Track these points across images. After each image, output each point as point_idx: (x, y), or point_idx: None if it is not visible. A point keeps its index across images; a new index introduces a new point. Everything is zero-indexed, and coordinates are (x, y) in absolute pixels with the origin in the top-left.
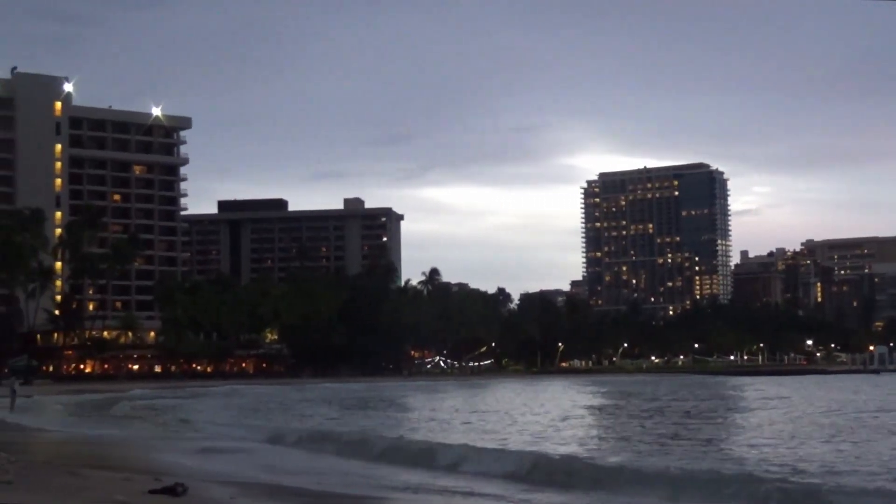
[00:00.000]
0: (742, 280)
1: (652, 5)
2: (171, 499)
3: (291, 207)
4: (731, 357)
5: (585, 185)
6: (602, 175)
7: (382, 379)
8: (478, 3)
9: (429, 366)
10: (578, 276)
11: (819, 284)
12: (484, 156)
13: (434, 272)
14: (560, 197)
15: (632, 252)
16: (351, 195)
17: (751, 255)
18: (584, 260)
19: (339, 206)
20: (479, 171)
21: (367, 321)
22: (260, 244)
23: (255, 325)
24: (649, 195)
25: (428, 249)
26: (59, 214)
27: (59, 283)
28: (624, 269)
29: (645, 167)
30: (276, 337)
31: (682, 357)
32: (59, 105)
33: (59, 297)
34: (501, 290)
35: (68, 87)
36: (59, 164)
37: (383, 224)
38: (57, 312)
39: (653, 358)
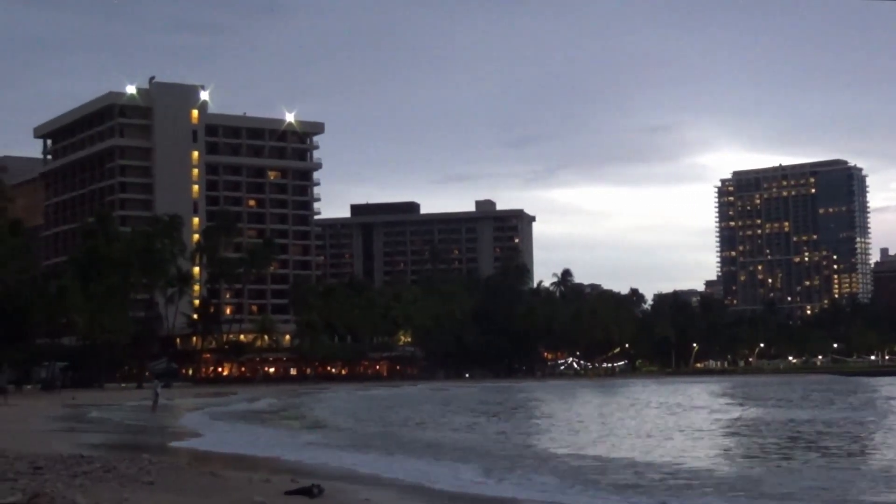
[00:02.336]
0: (882, 278)
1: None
2: (307, 500)
3: (423, 210)
4: (872, 357)
5: (719, 183)
6: (736, 173)
7: (516, 381)
8: (608, 3)
9: (562, 367)
10: (713, 276)
11: None
12: (615, 156)
13: (566, 273)
14: (693, 196)
15: (767, 251)
16: (482, 197)
17: (891, 252)
18: (718, 259)
19: (471, 208)
20: (610, 171)
21: (500, 323)
22: (392, 247)
23: (388, 327)
24: (785, 193)
25: (560, 251)
26: (196, 220)
27: (196, 287)
28: (759, 268)
29: (780, 165)
30: (408, 339)
31: (820, 357)
32: (195, 113)
33: (197, 302)
34: (634, 291)
35: (204, 96)
36: (195, 171)
37: (515, 226)
38: (195, 316)
39: (790, 358)
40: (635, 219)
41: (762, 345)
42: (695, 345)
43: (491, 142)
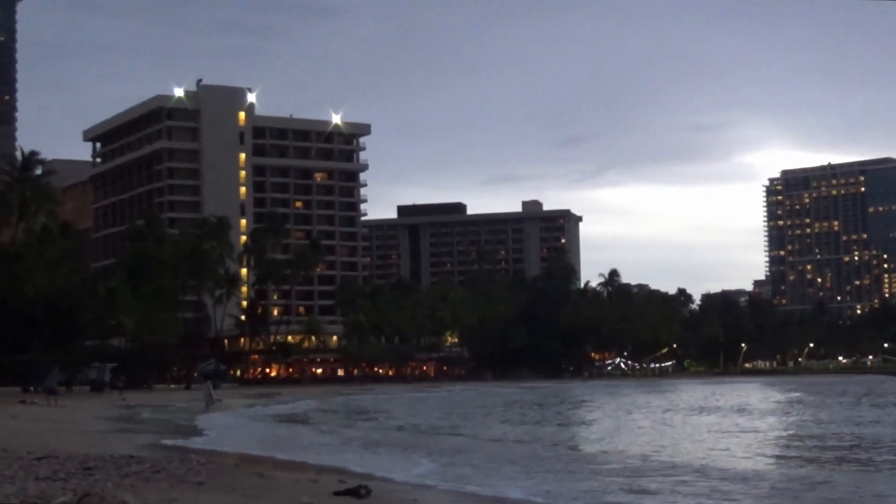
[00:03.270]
0: None
1: None
2: (354, 500)
3: (470, 211)
4: None
5: (767, 182)
6: (785, 172)
7: (563, 381)
8: (654, 2)
9: (609, 367)
10: (761, 276)
11: None
12: (662, 155)
13: (614, 273)
14: (741, 195)
15: (816, 250)
16: (529, 198)
17: None
18: (766, 259)
19: (518, 208)
20: (657, 170)
21: (547, 323)
22: (439, 248)
23: (435, 328)
24: (834, 192)
25: (607, 251)
26: (243, 222)
27: (244, 289)
28: (808, 267)
29: (829, 163)
30: (456, 340)
31: (870, 357)
32: (242, 115)
33: (244, 303)
34: (682, 291)
35: (251, 98)
36: (242, 173)
37: (562, 226)
38: (243, 318)
39: (840, 358)
40: (683, 218)
41: (811, 345)
42: (743, 345)
43: (538, 142)
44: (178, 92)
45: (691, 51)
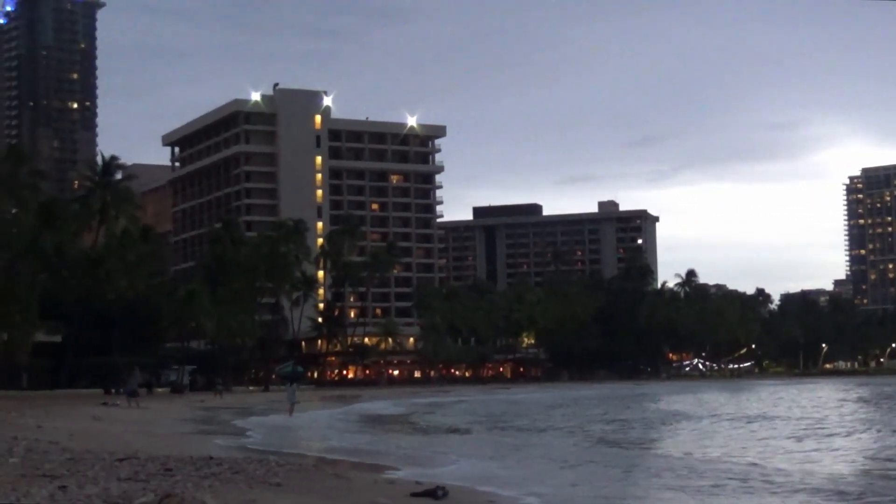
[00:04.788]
0: None
1: None
2: (431, 501)
3: (546, 212)
4: None
5: (847, 180)
6: (865, 170)
7: (641, 382)
8: (729, 0)
9: (687, 368)
10: (841, 275)
11: None
12: (739, 154)
13: (691, 274)
14: (819, 194)
15: None
16: (605, 198)
17: None
18: (847, 258)
19: (594, 209)
20: (734, 169)
21: (624, 324)
22: (515, 249)
23: (511, 329)
24: None
25: (683, 251)
26: (320, 225)
27: (321, 291)
28: (890, 266)
29: None
30: (532, 341)
31: None
32: (318, 118)
33: (321, 305)
34: (760, 291)
35: (327, 101)
36: (319, 176)
37: (638, 226)
38: (320, 320)
39: None
40: (761, 217)
41: (893, 345)
42: (823, 345)
43: (613, 142)
44: (255, 96)
45: (766, 48)
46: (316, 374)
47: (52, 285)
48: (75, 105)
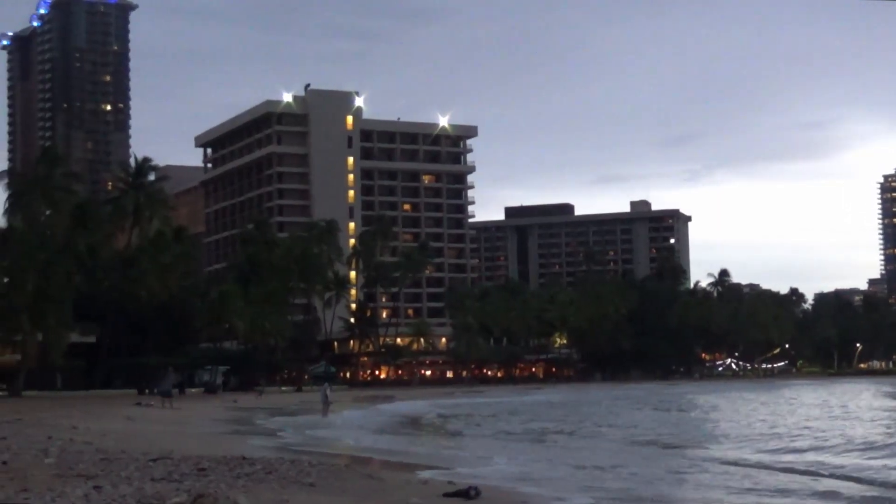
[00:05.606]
0: None
1: None
2: (464, 502)
3: (578, 212)
4: None
5: (882, 179)
6: None
7: (674, 382)
8: None
9: (720, 368)
10: (875, 275)
11: None
12: (771, 153)
13: (724, 273)
14: (853, 193)
15: None
16: (637, 197)
17: None
18: (882, 257)
19: (626, 208)
20: (766, 168)
21: (657, 324)
22: (547, 249)
23: (543, 329)
24: None
25: (716, 250)
26: (352, 225)
27: (353, 292)
28: None
29: None
30: (564, 341)
31: None
32: (350, 119)
33: (353, 306)
34: (794, 291)
35: (359, 102)
36: (351, 177)
37: (671, 226)
38: (352, 320)
39: None
40: (794, 217)
41: None
42: (858, 345)
43: (645, 141)
44: (287, 97)
45: (799, 47)
46: (348, 375)
47: (87, 286)
48: (108, 107)
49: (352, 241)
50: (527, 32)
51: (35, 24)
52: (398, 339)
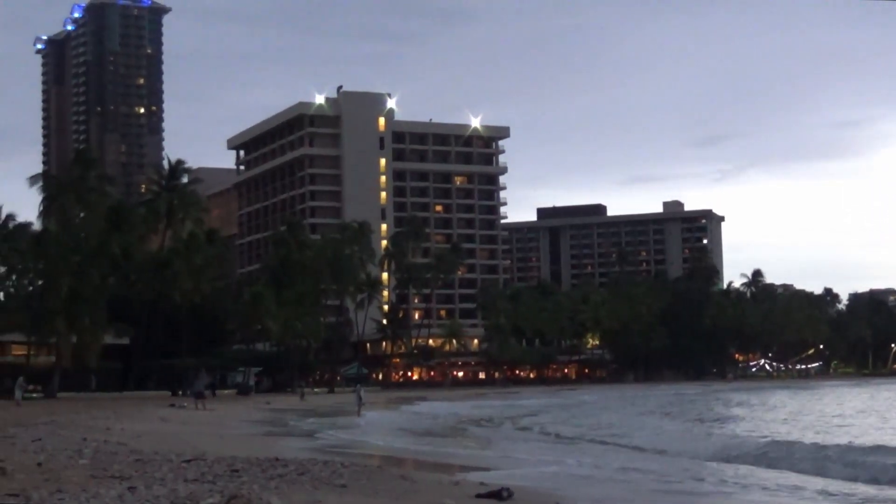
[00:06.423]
0: None
1: None
2: (496, 503)
3: (610, 212)
4: None
5: None
6: None
7: (709, 383)
8: None
9: (753, 369)
10: None
11: None
12: (805, 153)
13: (757, 273)
14: (887, 192)
15: None
16: (669, 198)
17: None
18: None
19: (658, 209)
20: (799, 168)
21: (690, 325)
22: (579, 250)
23: (576, 330)
24: None
25: (749, 250)
26: (384, 227)
27: (385, 293)
28: None
29: None
30: (597, 342)
31: None
32: (382, 121)
33: (386, 307)
34: (828, 291)
35: (391, 103)
36: (383, 178)
37: (704, 226)
38: (384, 322)
39: None
40: (828, 217)
41: None
42: (893, 345)
43: (677, 141)
44: (319, 99)
45: (831, 46)
46: (380, 376)
47: (120, 288)
48: (142, 110)
49: (384, 242)
50: (558, 33)
51: (69, 27)
52: (430, 341)
